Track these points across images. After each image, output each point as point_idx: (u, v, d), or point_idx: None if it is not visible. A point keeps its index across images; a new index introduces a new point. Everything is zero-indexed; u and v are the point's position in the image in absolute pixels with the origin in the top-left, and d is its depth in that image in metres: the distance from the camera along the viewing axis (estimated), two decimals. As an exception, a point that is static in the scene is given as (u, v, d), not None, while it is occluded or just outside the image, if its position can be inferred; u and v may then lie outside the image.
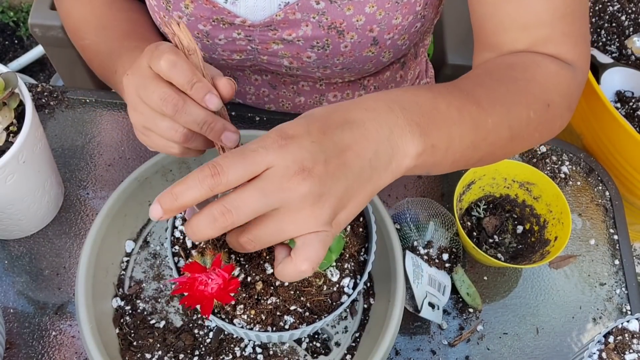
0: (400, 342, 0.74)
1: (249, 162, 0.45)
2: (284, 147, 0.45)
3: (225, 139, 0.54)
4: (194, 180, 0.44)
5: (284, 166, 0.44)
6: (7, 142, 0.66)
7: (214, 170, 0.44)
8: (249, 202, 0.45)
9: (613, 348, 0.60)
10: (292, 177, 0.44)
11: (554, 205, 0.77)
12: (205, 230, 0.46)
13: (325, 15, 0.70)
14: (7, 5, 1.99)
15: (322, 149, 0.46)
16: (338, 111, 0.49)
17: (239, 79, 0.89)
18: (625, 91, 1.13)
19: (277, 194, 0.45)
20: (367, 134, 0.48)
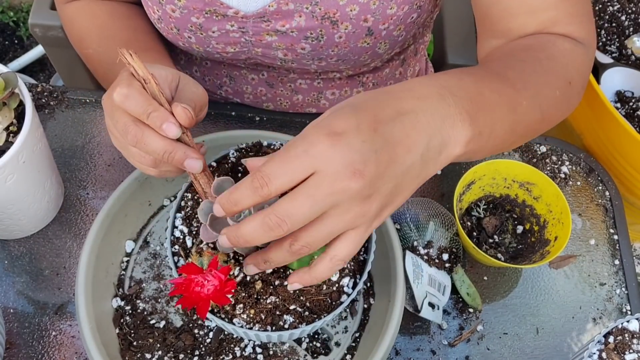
0: (400, 342, 0.74)
1: (295, 170, 0.44)
2: (333, 148, 0.44)
3: (188, 166, 0.55)
4: (247, 189, 0.46)
5: (333, 171, 0.44)
6: (7, 142, 0.66)
7: (262, 181, 0.45)
8: (302, 210, 0.45)
9: (613, 348, 0.60)
10: (343, 181, 0.44)
11: (554, 205, 0.77)
12: (260, 239, 0.47)
13: (318, 6, 0.70)
14: (7, 5, 1.99)
15: (373, 148, 0.44)
16: (389, 100, 0.47)
17: (236, 79, 0.89)
18: (625, 91, 1.13)
19: (328, 199, 0.44)
20: (419, 126, 0.47)
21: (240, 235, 0.47)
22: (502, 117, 0.55)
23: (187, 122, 0.55)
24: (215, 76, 0.90)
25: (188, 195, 0.61)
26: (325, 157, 0.44)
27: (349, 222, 0.46)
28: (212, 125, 0.88)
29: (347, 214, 0.46)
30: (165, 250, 0.68)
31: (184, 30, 0.76)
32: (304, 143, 0.44)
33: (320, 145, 0.44)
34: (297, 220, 0.45)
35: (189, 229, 0.59)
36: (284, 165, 0.44)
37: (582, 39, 0.68)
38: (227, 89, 0.91)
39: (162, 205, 0.78)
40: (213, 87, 0.92)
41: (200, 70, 0.91)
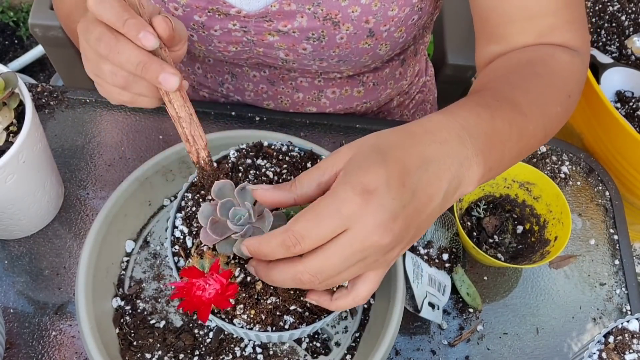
0: (400, 342, 0.74)
1: (327, 231, 0.44)
2: (364, 208, 0.44)
3: (164, 80, 0.52)
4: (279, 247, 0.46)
5: (366, 231, 0.44)
6: (7, 142, 0.66)
7: (295, 240, 0.45)
8: (333, 268, 0.46)
9: (613, 348, 0.60)
10: (374, 238, 0.45)
11: (554, 205, 0.77)
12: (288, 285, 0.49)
13: (320, 6, 0.71)
14: (7, 5, 1.99)
15: (402, 204, 0.45)
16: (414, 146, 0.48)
17: (238, 76, 0.89)
18: (625, 91, 1.13)
19: (358, 255, 0.45)
20: (440, 174, 0.48)
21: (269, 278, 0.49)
22: (511, 147, 0.56)
23: (166, 34, 0.52)
24: (217, 73, 0.90)
25: (188, 195, 0.61)
26: (358, 216, 0.44)
27: (371, 267, 0.48)
28: (212, 125, 0.88)
29: (371, 264, 0.47)
30: (166, 250, 0.68)
31: (187, 28, 0.76)
32: (335, 201, 0.44)
33: (352, 205, 0.44)
34: (328, 276, 0.46)
35: (189, 229, 0.59)
36: (317, 225, 0.44)
37: (577, 47, 0.68)
38: (229, 86, 0.91)
39: (162, 205, 0.78)
40: (215, 84, 0.93)
41: (203, 68, 0.91)
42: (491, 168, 0.53)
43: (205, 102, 0.94)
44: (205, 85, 0.94)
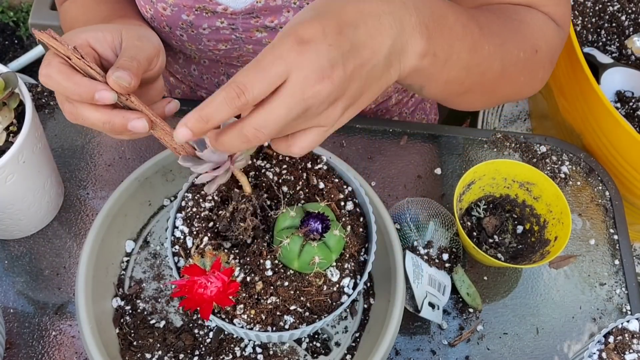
0: (400, 342, 0.74)
1: (270, 76, 0.44)
2: (302, 55, 0.44)
3: (133, 128, 0.53)
4: (222, 102, 0.45)
5: (303, 76, 0.44)
6: (7, 142, 0.66)
7: (238, 90, 0.44)
8: (277, 120, 0.45)
9: (613, 348, 0.60)
10: (314, 86, 0.45)
11: (554, 205, 0.77)
12: (238, 148, 0.47)
13: (306, 0, 0.70)
14: (7, 5, 1.99)
15: (339, 51, 0.45)
16: (353, 1, 0.47)
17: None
18: (625, 91, 1.13)
19: (300, 105, 0.45)
20: (381, 29, 0.47)
21: (218, 143, 0.47)
22: (461, 50, 0.55)
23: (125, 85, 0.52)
24: (213, 74, 0.90)
25: (188, 196, 0.61)
26: (296, 64, 0.44)
27: (315, 122, 0.48)
28: (212, 125, 0.88)
29: (315, 117, 0.47)
30: (166, 250, 0.68)
31: (176, 28, 0.77)
32: (274, 51, 0.45)
33: (290, 53, 0.44)
34: (273, 130, 0.46)
35: (190, 229, 0.59)
36: (258, 72, 0.44)
37: (557, 20, 0.69)
38: None
39: (162, 205, 0.78)
40: (211, 85, 0.93)
41: (199, 69, 0.91)
42: (436, 54, 0.52)
43: (205, 102, 0.94)
44: (202, 86, 0.94)
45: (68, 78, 0.51)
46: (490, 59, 0.59)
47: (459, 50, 0.55)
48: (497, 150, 0.89)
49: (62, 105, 0.55)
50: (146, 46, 0.56)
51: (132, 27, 0.59)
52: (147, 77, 0.58)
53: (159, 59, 0.58)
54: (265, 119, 0.45)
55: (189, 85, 0.97)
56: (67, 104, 0.54)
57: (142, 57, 0.55)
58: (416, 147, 0.89)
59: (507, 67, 0.62)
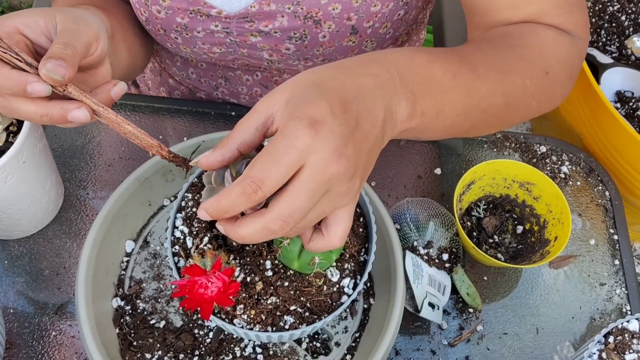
0: (400, 342, 0.74)
1: (286, 166, 0.44)
2: (317, 138, 0.44)
3: (73, 118, 0.50)
4: (239, 197, 0.44)
5: (322, 158, 0.44)
6: (7, 142, 0.66)
7: (254, 185, 0.44)
8: (301, 207, 0.45)
9: (613, 348, 0.60)
10: (332, 167, 0.45)
11: (554, 205, 0.77)
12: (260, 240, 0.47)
13: (300, 5, 0.70)
14: (7, 5, 1.99)
15: (349, 129, 0.46)
16: (348, 78, 0.49)
17: (231, 80, 0.89)
18: (625, 91, 1.13)
19: (322, 188, 0.45)
20: (376, 102, 0.49)
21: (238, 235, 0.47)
22: (454, 99, 0.56)
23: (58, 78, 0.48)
24: (211, 77, 0.90)
25: (188, 196, 0.61)
26: (312, 148, 0.44)
27: (338, 202, 0.47)
28: (211, 125, 0.88)
29: (337, 197, 0.47)
30: (165, 251, 0.68)
31: (170, 31, 0.76)
32: (287, 138, 0.44)
33: (304, 138, 0.44)
34: (298, 218, 0.45)
35: (190, 229, 0.59)
36: (273, 165, 0.44)
37: (570, 29, 0.67)
38: (223, 90, 0.91)
39: (162, 205, 0.78)
40: (209, 88, 0.93)
41: (196, 72, 0.91)
42: (424, 112, 0.53)
43: (204, 102, 0.94)
44: (201, 89, 0.94)
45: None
46: (491, 96, 0.59)
47: (452, 101, 0.56)
48: (497, 150, 0.89)
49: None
50: (83, 30, 0.52)
51: (68, 10, 0.54)
52: (88, 63, 0.54)
53: (98, 43, 0.54)
54: (290, 207, 0.45)
55: (188, 87, 0.97)
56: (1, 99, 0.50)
57: (79, 43, 0.51)
58: (416, 147, 0.89)
59: (512, 98, 0.62)
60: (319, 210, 0.47)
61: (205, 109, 0.90)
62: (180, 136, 0.87)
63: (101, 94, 0.54)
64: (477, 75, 0.58)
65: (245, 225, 0.46)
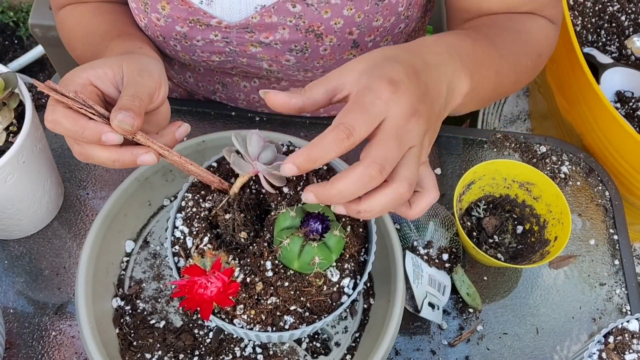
0: (400, 342, 0.74)
1: (374, 116, 0.48)
2: (397, 94, 0.49)
3: (142, 163, 0.55)
4: (331, 143, 0.47)
5: (401, 113, 0.49)
6: (7, 142, 0.66)
7: (348, 131, 0.47)
8: (394, 154, 0.48)
9: (613, 348, 0.60)
10: (410, 120, 0.49)
11: (554, 205, 0.77)
12: (361, 191, 0.49)
13: (302, 19, 0.70)
14: (7, 5, 1.99)
15: (421, 91, 0.51)
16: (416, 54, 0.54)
17: (228, 86, 0.89)
18: (625, 91, 1.13)
19: (407, 138, 0.49)
20: (440, 76, 0.54)
21: (340, 192, 0.48)
22: (488, 76, 0.63)
23: (128, 128, 0.53)
24: (208, 82, 0.90)
25: (188, 196, 0.61)
26: (394, 101, 0.49)
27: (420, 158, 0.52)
28: (211, 125, 0.88)
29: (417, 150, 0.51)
30: (165, 251, 0.68)
31: (169, 38, 0.76)
32: (372, 92, 0.49)
33: (386, 92, 0.48)
34: (393, 163, 0.49)
35: (190, 229, 0.59)
36: (363, 113, 0.48)
37: (554, 20, 0.76)
38: (221, 95, 0.91)
39: (162, 205, 0.78)
40: (207, 92, 0.92)
41: (194, 76, 0.91)
42: (474, 88, 0.59)
43: (204, 102, 0.94)
44: (199, 92, 0.94)
45: (75, 122, 0.53)
46: (508, 74, 0.67)
47: (487, 77, 0.63)
48: (497, 150, 0.89)
49: (71, 147, 0.56)
50: (147, 81, 0.57)
51: (132, 59, 0.59)
52: (151, 108, 0.58)
53: (160, 91, 0.59)
54: (384, 151, 0.48)
55: (186, 90, 0.97)
56: (76, 146, 0.55)
57: (144, 94, 0.55)
58: (416, 147, 0.89)
59: (520, 75, 0.70)
60: (409, 160, 0.50)
61: (205, 109, 0.90)
62: (180, 136, 0.87)
63: (167, 136, 0.59)
64: (501, 55, 0.65)
65: (342, 178, 0.48)
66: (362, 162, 0.48)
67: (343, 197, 0.49)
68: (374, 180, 0.48)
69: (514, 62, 0.68)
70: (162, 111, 0.60)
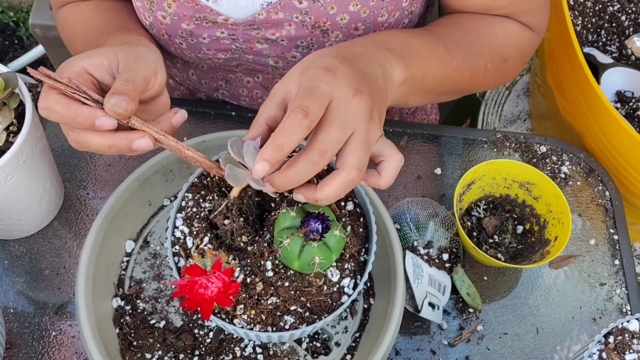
0: (400, 342, 0.74)
1: (322, 97, 0.51)
2: (336, 77, 0.52)
3: (138, 147, 0.55)
4: (293, 126, 0.49)
5: (343, 94, 0.52)
6: (7, 142, 0.66)
7: (303, 112, 0.49)
8: (336, 137, 0.51)
9: (613, 348, 0.60)
10: (353, 100, 0.52)
11: (554, 205, 0.77)
12: (307, 176, 0.51)
13: (308, 15, 0.70)
14: (7, 5, 1.99)
15: (359, 74, 0.54)
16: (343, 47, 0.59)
17: (231, 82, 0.89)
18: (625, 91, 1.13)
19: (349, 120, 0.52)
20: (370, 63, 0.58)
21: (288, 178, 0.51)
22: (432, 68, 0.66)
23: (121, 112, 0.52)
24: (211, 79, 0.90)
25: (189, 196, 0.61)
26: (334, 85, 0.52)
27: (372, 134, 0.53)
28: (211, 125, 0.88)
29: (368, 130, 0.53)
30: (166, 250, 0.68)
31: (175, 36, 0.76)
32: (314, 80, 0.52)
33: (327, 77, 0.52)
34: (335, 147, 0.51)
35: (190, 229, 0.59)
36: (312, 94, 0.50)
37: (533, 27, 0.77)
38: (224, 92, 0.91)
39: (162, 205, 0.78)
40: (209, 90, 0.92)
41: (197, 74, 0.91)
42: (414, 75, 0.63)
43: (204, 102, 0.94)
44: (201, 90, 0.94)
45: (67, 108, 0.52)
46: (460, 70, 0.70)
47: (431, 68, 0.66)
48: (497, 150, 0.89)
49: (67, 134, 0.56)
50: (142, 67, 0.57)
51: (128, 48, 0.59)
52: (148, 96, 0.58)
53: (156, 78, 0.58)
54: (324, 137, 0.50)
55: (188, 88, 0.97)
56: (71, 133, 0.55)
57: (139, 79, 0.55)
58: (416, 147, 0.89)
59: (476, 75, 0.72)
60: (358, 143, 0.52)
61: (205, 109, 0.90)
62: (180, 136, 0.87)
63: (163, 122, 0.58)
64: (448, 51, 0.68)
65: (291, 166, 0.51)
66: (305, 149, 0.51)
67: (294, 182, 0.51)
68: (317, 165, 0.50)
69: (468, 60, 0.70)
70: (161, 101, 0.60)
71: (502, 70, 0.76)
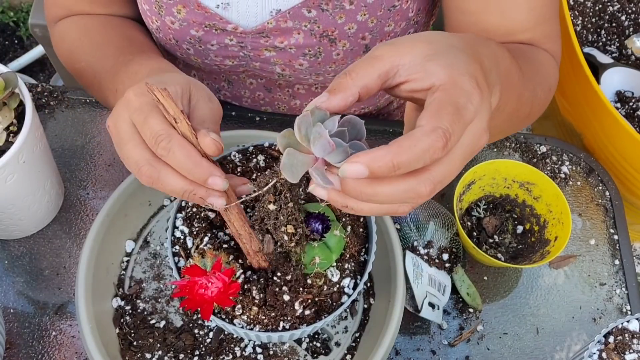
0: (400, 342, 0.74)
1: (466, 125, 0.42)
2: (482, 102, 0.43)
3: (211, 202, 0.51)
4: (426, 152, 0.39)
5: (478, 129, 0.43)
6: (7, 142, 0.66)
7: (446, 139, 0.40)
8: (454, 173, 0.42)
9: (613, 348, 0.60)
10: (481, 140, 0.43)
11: (554, 205, 0.77)
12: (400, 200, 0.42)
13: (317, 24, 0.70)
14: (7, 5, 1.99)
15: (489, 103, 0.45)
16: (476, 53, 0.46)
17: (234, 83, 0.89)
18: (625, 91, 1.13)
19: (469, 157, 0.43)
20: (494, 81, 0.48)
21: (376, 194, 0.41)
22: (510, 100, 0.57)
23: (215, 153, 0.50)
24: (214, 80, 0.90)
25: (188, 196, 0.61)
26: (479, 113, 0.42)
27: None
28: (212, 125, 0.88)
29: None
30: (166, 250, 0.68)
31: (183, 42, 0.76)
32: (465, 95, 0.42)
33: (477, 98, 0.42)
34: (447, 182, 0.42)
35: (190, 229, 0.59)
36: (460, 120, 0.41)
37: (554, 55, 0.73)
38: (226, 93, 0.91)
39: (162, 205, 0.78)
40: (211, 90, 0.92)
41: (199, 75, 0.91)
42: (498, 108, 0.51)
43: (205, 102, 0.94)
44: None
45: (189, 156, 0.49)
46: (527, 102, 0.61)
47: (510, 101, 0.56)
48: (497, 150, 0.89)
49: (141, 169, 0.50)
50: (217, 108, 0.56)
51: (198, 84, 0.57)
52: None
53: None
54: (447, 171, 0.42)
55: None
56: (149, 168, 0.50)
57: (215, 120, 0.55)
58: (416, 147, 0.88)
59: (534, 107, 0.66)
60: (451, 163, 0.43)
61: (205, 109, 0.89)
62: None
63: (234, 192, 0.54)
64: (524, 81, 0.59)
65: (387, 184, 0.41)
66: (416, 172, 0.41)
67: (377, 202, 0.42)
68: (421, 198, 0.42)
69: (533, 91, 0.62)
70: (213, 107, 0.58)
71: (547, 99, 0.69)
